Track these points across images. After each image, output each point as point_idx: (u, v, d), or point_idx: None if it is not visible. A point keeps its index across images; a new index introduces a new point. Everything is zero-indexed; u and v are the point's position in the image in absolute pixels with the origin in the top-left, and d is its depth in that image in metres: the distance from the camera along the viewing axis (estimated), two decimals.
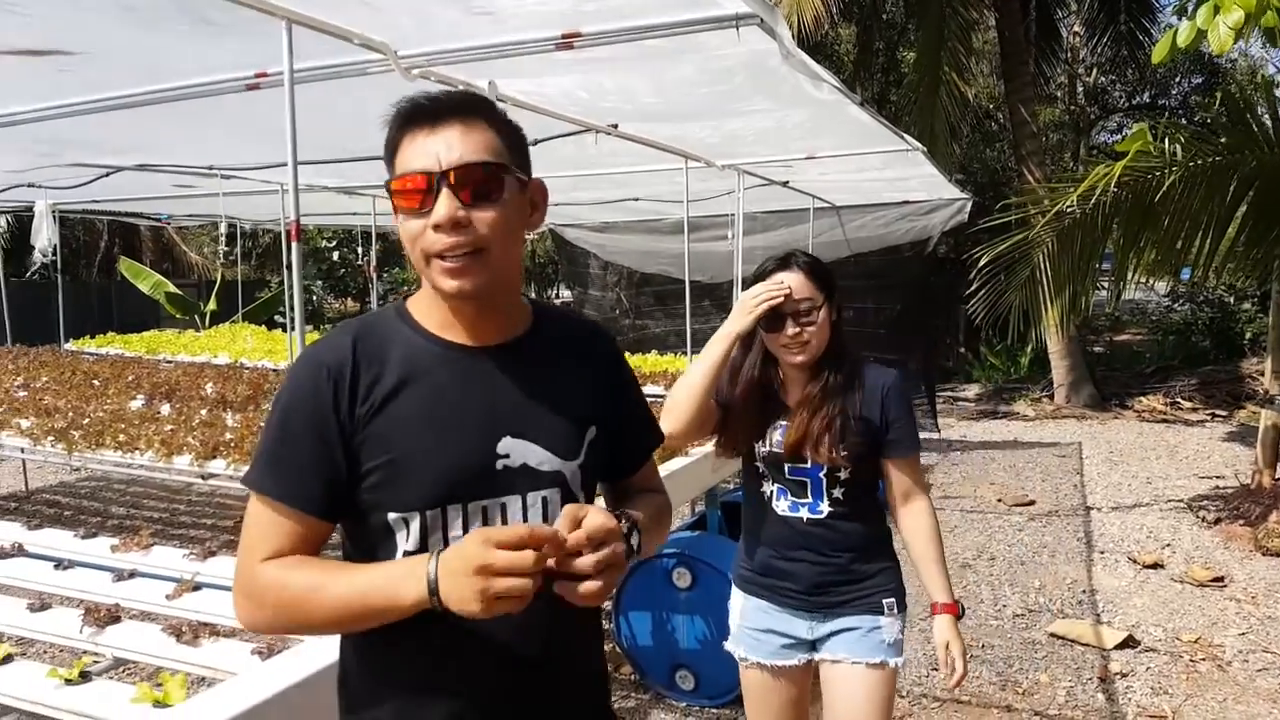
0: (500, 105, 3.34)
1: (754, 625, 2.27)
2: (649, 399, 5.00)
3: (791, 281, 2.04)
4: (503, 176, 1.19)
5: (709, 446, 4.19)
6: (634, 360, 7.29)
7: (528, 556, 1.03)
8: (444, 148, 1.16)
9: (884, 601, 2.17)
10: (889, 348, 8.47)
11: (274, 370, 6.62)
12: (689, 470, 3.76)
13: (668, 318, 10.11)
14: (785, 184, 6.74)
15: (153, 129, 3.82)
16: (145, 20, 2.54)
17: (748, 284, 2.17)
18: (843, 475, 2.12)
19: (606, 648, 4.27)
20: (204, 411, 4.88)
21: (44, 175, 4.97)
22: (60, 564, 2.82)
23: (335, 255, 16.43)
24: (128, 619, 2.39)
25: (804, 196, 7.48)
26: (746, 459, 2.28)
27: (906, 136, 4.80)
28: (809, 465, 2.12)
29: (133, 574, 2.72)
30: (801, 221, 8.14)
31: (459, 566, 1.05)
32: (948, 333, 14.17)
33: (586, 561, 1.08)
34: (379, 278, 16.96)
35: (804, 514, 2.17)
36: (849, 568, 2.17)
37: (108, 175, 5.30)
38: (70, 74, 2.97)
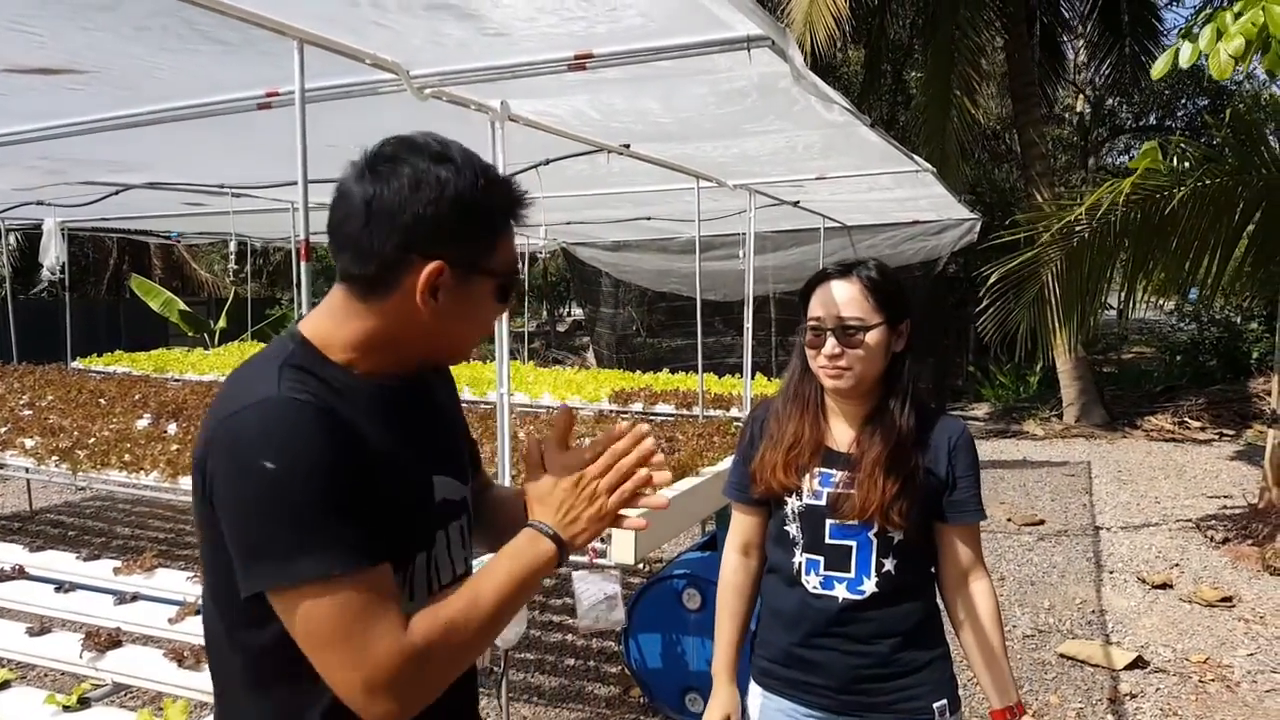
0: (511, 124, 3.36)
1: None
2: (661, 418, 4.93)
3: (843, 293, 1.77)
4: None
5: (721, 465, 4.18)
6: (646, 379, 7.26)
7: (625, 462, 1.20)
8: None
9: (934, 705, 1.80)
10: None
11: None
12: (699, 490, 3.73)
13: (681, 335, 10.10)
14: (796, 204, 6.73)
15: (162, 147, 3.82)
16: (157, 40, 2.54)
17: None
18: (896, 539, 1.77)
19: (616, 670, 4.23)
20: None
21: (52, 193, 4.98)
22: (61, 587, 2.80)
23: None
24: (129, 643, 2.36)
25: (815, 216, 7.46)
26: (774, 510, 1.90)
27: (916, 158, 4.79)
28: (858, 525, 1.77)
29: (135, 597, 2.69)
30: (813, 241, 8.13)
31: (573, 505, 1.18)
32: (958, 352, 14.13)
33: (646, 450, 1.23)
34: None
35: (840, 592, 1.79)
36: (892, 658, 1.79)
37: (117, 193, 5.31)
38: (80, 92, 2.97)
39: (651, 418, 5.71)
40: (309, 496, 1.02)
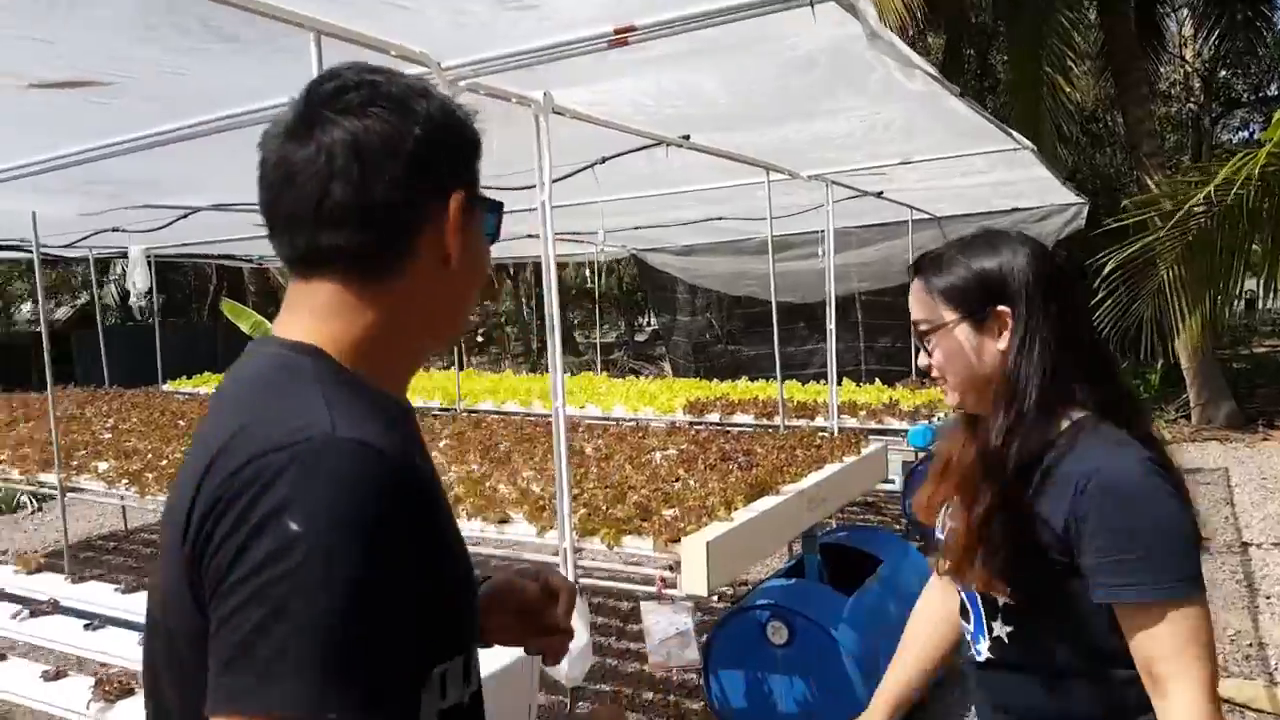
0: (556, 119, 3.09)
1: None
2: (737, 429, 4.50)
3: (912, 293, 1.50)
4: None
5: (804, 482, 3.82)
6: (723, 388, 6.92)
7: None
8: None
9: None
10: None
11: None
12: (779, 511, 3.37)
13: (762, 342, 9.71)
14: (880, 195, 6.30)
15: (206, 164, 3.69)
16: (168, 41, 2.35)
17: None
18: (1001, 602, 1.40)
19: (698, 706, 3.89)
20: None
21: (122, 218, 4.97)
22: (91, 624, 2.65)
23: None
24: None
25: (901, 208, 7.01)
26: None
27: (1014, 133, 4.33)
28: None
29: None
30: (900, 235, 7.67)
31: None
32: None
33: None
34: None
35: (973, 650, 1.50)
36: None
37: (185, 216, 5.28)
38: (110, 106, 2.82)
39: (728, 429, 5.36)
40: (375, 601, 0.74)
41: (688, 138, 3.88)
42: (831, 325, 5.59)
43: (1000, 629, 1.41)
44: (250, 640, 0.70)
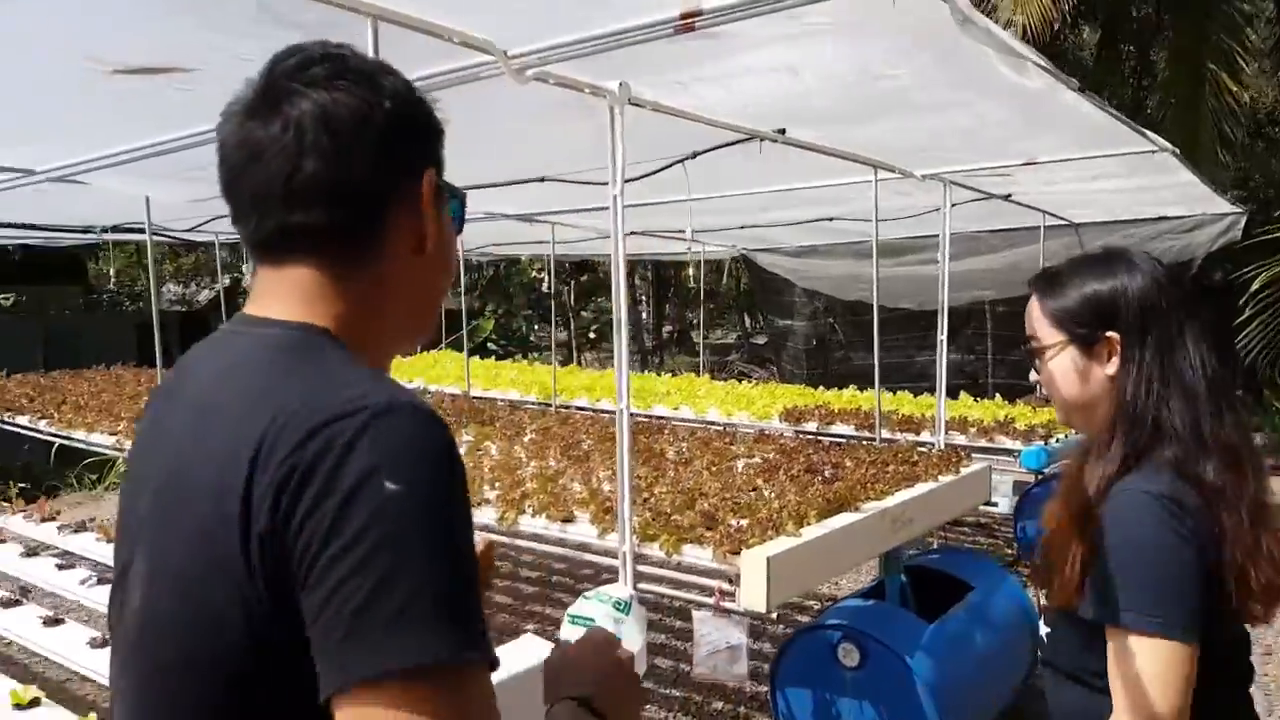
0: (634, 109, 2.99)
1: None
2: (832, 439, 4.33)
3: (1029, 308, 1.54)
4: None
5: (891, 500, 3.59)
6: (826, 395, 6.66)
7: None
8: None
9: None
10: None
11: (451, 394, 6.63)
12: (856, 528, 3.16)
13: (883, 349, 9.30)
14: (1007, 197, 5.90)
15: None
16: (236, 27, 2.38)
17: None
18: (1041, 605, 1.64)
19: None
20: None
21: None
22: None
23: (545, 285, 16.84)
24: None
25: (1032, 212, 6.55)
26: None
27: (1151, 135, 3.94)
28: None
29: None
30: (1031, 241, 7.17)
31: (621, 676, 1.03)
32: None
33: None
34: (579, 311, 17.14)
35: None
36: None
37: None
38: (191, 93, 2.90)
39: (824, 439, 5.13)
40: (465, 551, 0.76)
41: (783, 131, 3.70)
42: (943, 336, 5.26)
43: (1043, 629, 1.60)
44: (372, 603, 0.70)
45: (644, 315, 19.19)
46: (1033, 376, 1.57)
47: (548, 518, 3.22)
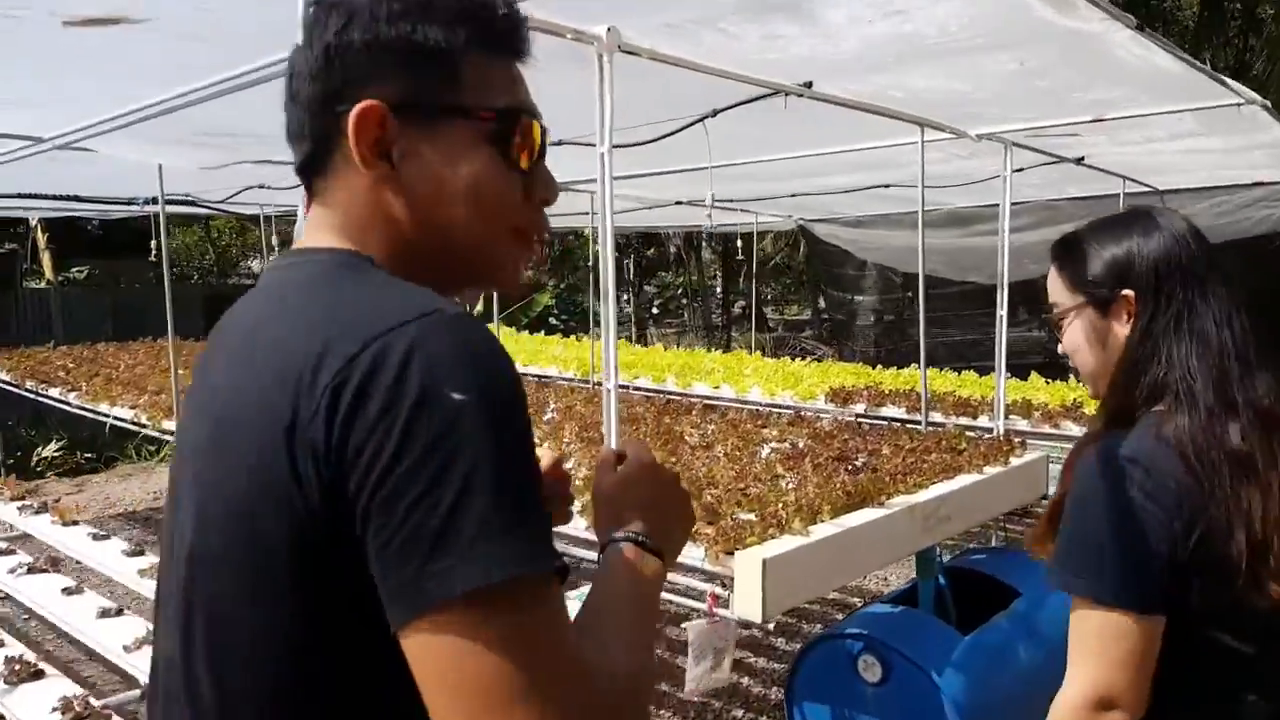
0: (624, 57, 2.70)
1: None
2: (873, 422, 4.02)
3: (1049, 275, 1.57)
4: None
5: (924, 494, 3.24)
6: (876, 374, 6.25)
7: None
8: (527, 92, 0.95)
9: None
10: None
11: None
12: (877, 526, 2.83)
13: (941, 326, 8.81)
14: (1080, 161, 5.39)
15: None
16: None
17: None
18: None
19: None
20: None
21: (258, 175, 5.05)
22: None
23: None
24: None
25: (1110, 178, 6.00)
26: None
27: (1232, 83, 3.45)
28: None
29: None
30: (1109, 210, 6.60)
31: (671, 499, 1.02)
32: None
33: None
34: (642, 284, 16.80)
35: None
36: None
37: None
38: (169, 52, 2.72)
39: (869, 421, 4.77)
40: (533, 458, 0.76)
41: (810, 85, 3.35)
42: (1002, 311, 4.82)
43: None
44: (450, 519, 0.68)
45: (716, 290, 18.80)
46: (1059, 349, 1.55)
47: None
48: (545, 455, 1.07)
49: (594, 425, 4.19)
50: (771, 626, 3.67)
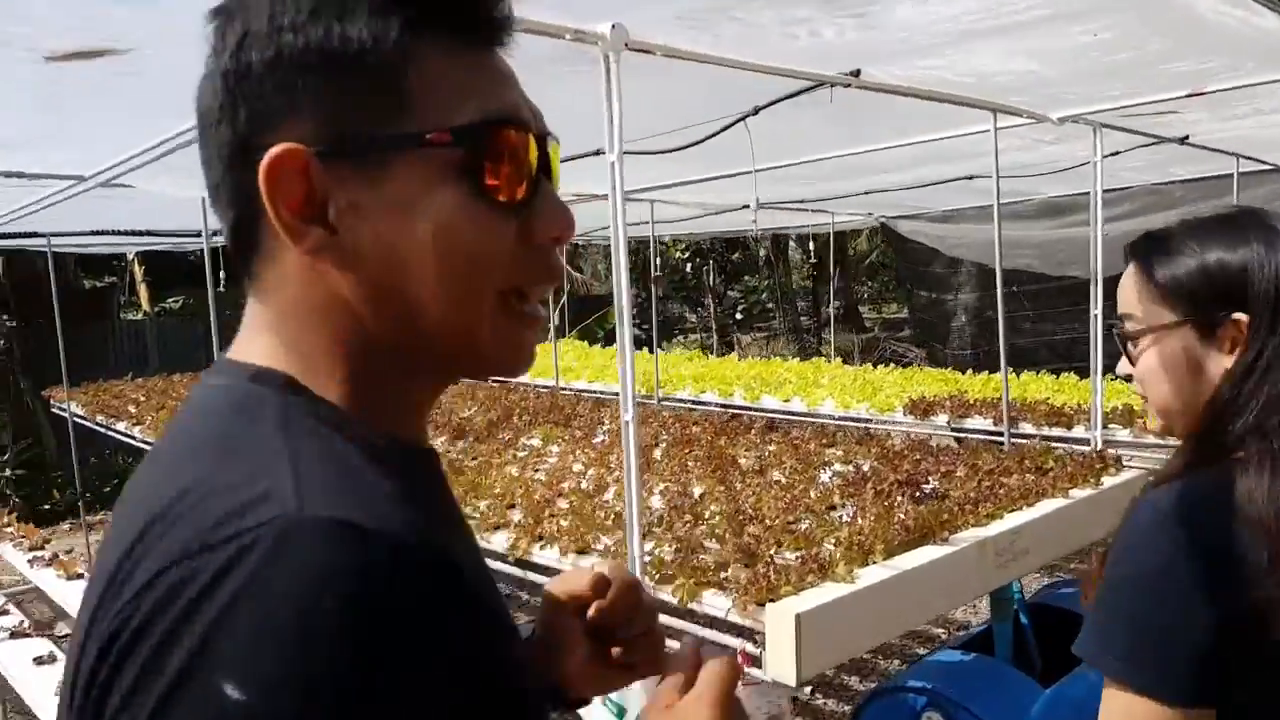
0: (647, 57, 2.46)
1: None
2: (949, 436, 3.71)
3: (1123, 281, 1.30)
4: None
5: (994, 526, 2.87)
6: (965, 381, 5.81)
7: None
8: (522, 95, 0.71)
9: None
10: None
11: (543, 387, 6.30)
12: (936, 568, 2.50)
13: (1033, 324, 8.23)
14: (1184, 140, 4.88)
15: None
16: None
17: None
18: None
19: None
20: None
21: None
22: None
23: (689, 267, 16.27)
24: None
25: (1220, 157, 5.43)
26: None
27: None
28: None
29: None
30: (1223, 192, 6.01)
31: None
32: None
33: None
34: (726, 289, 16.41)
35: None
36: None
37: None
38: (153, 83, 2.62)
39: (952, 436, 4.38)
40: None
41: (857, 74, 3.05)
42: (1097, 310, 4.38)
43: None
44: None
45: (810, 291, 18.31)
46: (1122, 367, 1.31)
47: (560, 549, 2.76)
48: (613, 573, 0.86)
49: (647, 447, 3.95)
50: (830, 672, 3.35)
